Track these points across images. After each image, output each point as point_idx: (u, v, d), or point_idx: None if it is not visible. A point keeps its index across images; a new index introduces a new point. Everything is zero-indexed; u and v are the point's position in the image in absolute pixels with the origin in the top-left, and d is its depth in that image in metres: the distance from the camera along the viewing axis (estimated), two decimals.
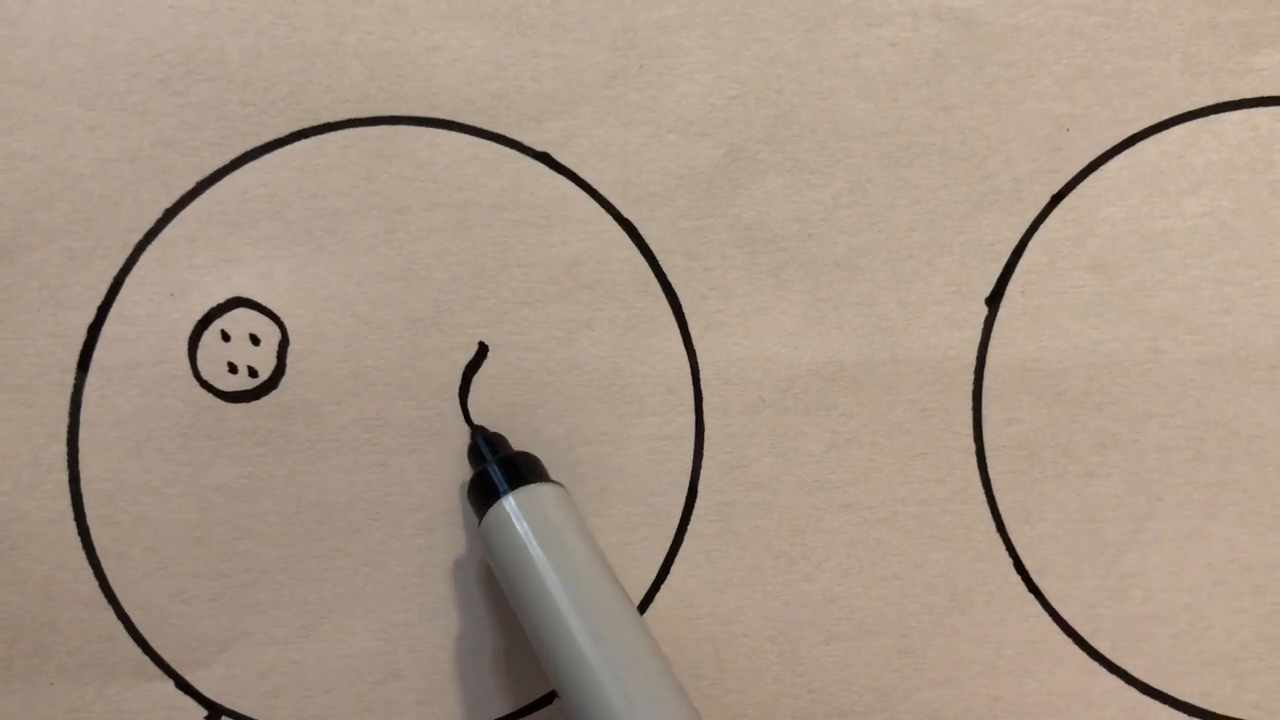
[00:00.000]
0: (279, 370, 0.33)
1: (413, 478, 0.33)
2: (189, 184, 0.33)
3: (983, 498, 0.33)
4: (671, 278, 0.33)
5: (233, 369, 0.33)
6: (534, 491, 0.30)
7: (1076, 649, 0.33)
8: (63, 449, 0.33)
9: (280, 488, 0.33)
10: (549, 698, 0.33)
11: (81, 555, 0.33)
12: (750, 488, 0.33)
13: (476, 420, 0.33)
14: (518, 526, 0.29)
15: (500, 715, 0.33)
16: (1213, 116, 0.33)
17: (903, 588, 0.33)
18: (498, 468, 0.30)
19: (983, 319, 0.33)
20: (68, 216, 0.33)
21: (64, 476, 0.33)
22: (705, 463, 0.33)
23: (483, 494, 0.30)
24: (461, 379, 0.33)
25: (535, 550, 0.28)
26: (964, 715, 0.33)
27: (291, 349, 0.33)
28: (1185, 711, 0.33)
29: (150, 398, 0.33)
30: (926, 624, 0.33)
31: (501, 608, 0.33)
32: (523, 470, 0.30)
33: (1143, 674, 0.33)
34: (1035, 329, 0.33)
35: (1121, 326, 0.33)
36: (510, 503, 0.29)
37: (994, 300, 0.33)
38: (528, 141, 0.33)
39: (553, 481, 0.31)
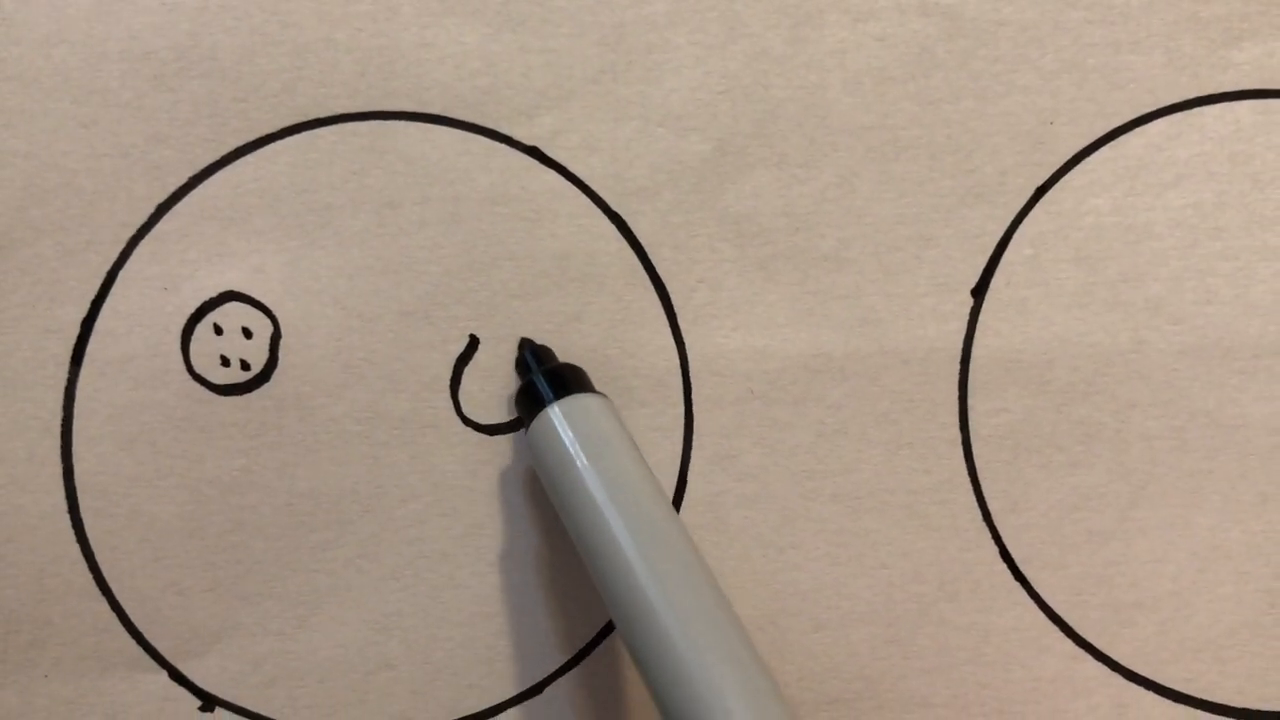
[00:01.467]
0: (271, 363, 0.33)
1: (404, 469, 0.33)
2: (181, 179, 0.33)
3: (969, 487, 0.33)
4: (660, 271, 0.34)
5: (225, 362, 0.33)
6: (579, 401, 0.30)
7: (1062, 636, 0.33)
8: (56, 443, 0.33)
9: (272, 480, 0.33)
10: (540, 687, 0.33)
11: (76, 548, 0.33)
12: (739, 478, 0.33)
13: (469, 414, 0.33)
14: (563, 435, 0.29)
15: (492, 704, 0.33)
16: (1195, 110, 0.34)
17: (890, 577, 0.33)
18: (544, 378, 0.31)
19: (968, 310, 0.34)
20: (61, 212, 0.33)
21: (58, 470, 0.33)
22: (695, 454, 0.33)
23: (529, 403, 0.31)
24: (453, 371, 0.33)
25: (580, 458, 0.29)
26: (951, 702, 0.33)
27: (284, 342, 0.33)
28: (1170, 698, 0.33)
29: (143, 391, 0.33)
30: (914, 612, 0.33)
31: (494, 599, 0.33)
32: (569, 381, 0.31)
33: (1128, 661, 0.33)
34: (1020, 320, 0.34)
35: (1105, 318, 0.34)
36: (555, 411, 0.30)
37: (979, 292, 0.34)
38: (518, 136, 0.34)
39: (598, 393, 0.31)
